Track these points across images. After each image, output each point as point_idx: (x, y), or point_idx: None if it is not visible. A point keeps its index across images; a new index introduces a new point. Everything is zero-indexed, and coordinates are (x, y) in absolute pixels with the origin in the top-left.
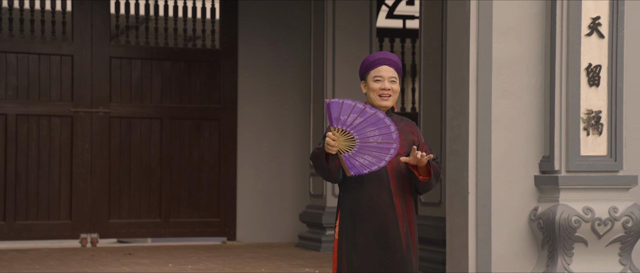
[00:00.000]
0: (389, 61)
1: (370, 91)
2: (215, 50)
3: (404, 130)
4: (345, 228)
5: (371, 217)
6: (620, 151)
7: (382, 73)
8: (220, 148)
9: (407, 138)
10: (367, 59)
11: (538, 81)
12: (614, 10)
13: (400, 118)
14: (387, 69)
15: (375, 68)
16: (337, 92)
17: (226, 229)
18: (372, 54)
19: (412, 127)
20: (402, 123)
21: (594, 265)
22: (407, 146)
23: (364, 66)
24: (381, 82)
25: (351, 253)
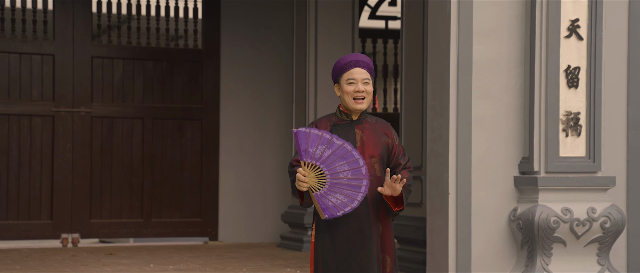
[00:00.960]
0: (361, 63)
1: (344, 94)
2: (198, 50)
3: (378, 131)
4: (321, 231)
5: (346, 219)
6: (599, 152)
7: (355, 75)
8: (203, 148)
9: (381, 140)
10: (338, 62)
11: (518, 83)
12: (593, 12)
13: (375, 119)
14: (359, 71)
15: (347, 71)
16: (319, 93)
17: (208, 229)
18: (344, 57)
19: (386, 128)
20: (377, 124)
21: (573, 265)
22: (381, 148)
23: (336, 69)
24: (355, 85)
25: (327, 254)
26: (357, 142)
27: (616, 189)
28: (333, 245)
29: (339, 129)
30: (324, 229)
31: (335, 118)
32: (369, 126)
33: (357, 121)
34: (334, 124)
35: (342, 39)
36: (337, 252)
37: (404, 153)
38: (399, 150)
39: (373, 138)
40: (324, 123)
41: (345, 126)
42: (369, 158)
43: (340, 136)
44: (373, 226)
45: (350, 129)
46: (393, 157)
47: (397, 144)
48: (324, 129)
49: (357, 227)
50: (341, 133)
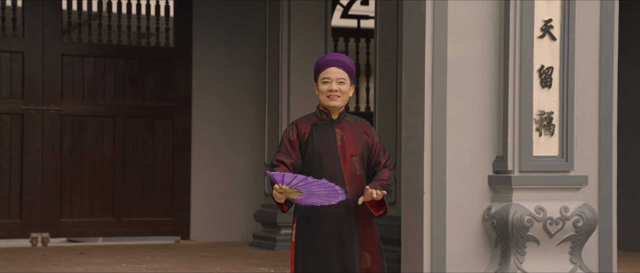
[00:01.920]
0: (337, 63)
1: (320, 93)
2: (170, 48)
3: (358, 130)
4: (301, 230)
5: (327, 219)
6: (571, 152)
7: (330, 75)
8: (174, 147)
9: (361, 139)
10: (317, 62)
11: (492, 82)
12: (566, 12)
13: (355, 118)
14: (335, 71)
15: (324, 70)
16: (293, 92)
17: (180, 228)
18: (323, 56)
19: (366, 127)
20: (357, 123)
21: (546, 264)
22: (361, 147)
23: (315, 68)
24: (329, 84)
25: (307, 254)
26: (337, 141)
27: (588, 188)
28: (314, 244)
29: (319, 128)
30: (305, 228)
31: (315, 118)
32: (348, 125)
33: (337, 121)
34: (314, 124)
35: (315, 38)
36: (317, 251)
37: (384, 151)
38: (379, 148)
39: (353, 136)
40: (304, 123)
41: (325, 125)
42: (350, 156)
43: (321, 136)
44: (353, 225)
45: (330, 129)
46: (374, 155)
47: (377, 142)
48: (305, 129)
49: (337, 226)
50: (321, 132)
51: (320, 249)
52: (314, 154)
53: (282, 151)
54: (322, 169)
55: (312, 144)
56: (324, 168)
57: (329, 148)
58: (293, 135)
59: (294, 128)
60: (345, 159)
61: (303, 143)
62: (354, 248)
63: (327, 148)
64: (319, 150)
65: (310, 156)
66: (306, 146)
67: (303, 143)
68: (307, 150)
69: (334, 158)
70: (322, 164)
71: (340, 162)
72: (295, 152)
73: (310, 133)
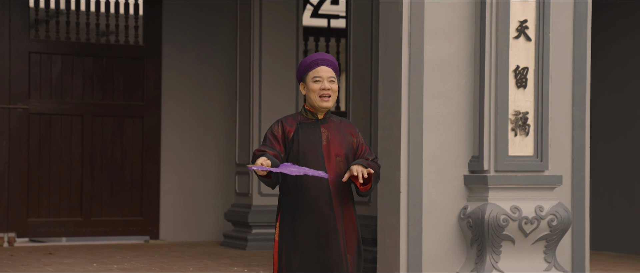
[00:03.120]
0: (326, 62)
1: (310, 92)
2: (139, 46)
3: (343, 131)
4: (285, 229)
5: (311, 218)
6: (546, 152)
7: (321, 73)
8: (144, 146)
9: (346, 139)
10: (304, 61)
11: (467, 82)
12: (541, 13)
13: (339, 118)
14: (325, 70)
15: (313, 69)
16: (264, 91)
17: (149, 228)
18: (310, 56)
19: (351, 128)
20: (342, 123)
21: (521, 263)
22: (346, 147)
23: (302, 67)
24: (321, 83)
25: (291, 253)
26: (322, 141)
27: (562, 188)
28: (297, 243)
29: (305, 128)
30: (288, 228)
31: (301, 117)
32: (334, 125)
33: (322, 120)
34: (300, 123)
35: (287, 37)
36: (301, 250)
37: (370, 150)
38: (365, 149)
39: (338, 137)
40: (290, 121)
41: (311, 125)
42: (335, 156)
43: (306, 135)
44: (338, 225)
45: (315, 128)
46: (360, 154)
47: (363, 143)
48: (290, 127)
49: (322, 226)
50: (307, 131)
51: (305, 248)
52: (299, 153)
53: (266, 144)
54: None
55: (297, 142)
56: (309, 167)
57: (314, 147)
58: (278, 131)
59: (280, 125)
60: (330, 159)
61: (288, 141)
62: (341, 249)
63: (312, 147)
64: (304, 149)
65: (295, 155)
66: (291, 144)
67: (288, 141)
68: (292, 149)
69: (318, 157)
70: (306, 163)
71: (324, 161)
72: (279, 145)
73: (295, 131)
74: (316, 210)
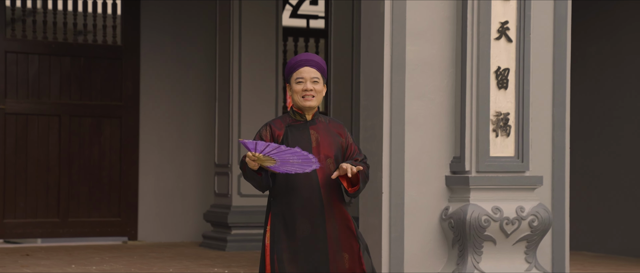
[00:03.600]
0: (310, 62)
1: (294, 93)
2: (117, 46)
3: (331, 131)
4: (275, 232)
5: (302, 221)
6: (527, 152)
7: (304, 74)
8: (122, 146)
9: (335, 140)
10: (289, 62)
11: (449, 83)
12: (521, 14)
13: (328, 119)
14: (308, 70)
15: (297, 70)
16: (244, 91)
17: (127, 228)
18: (295, 57)
19: (339, 128)
20: (330, 124)
21: (502, 264)
22: (335, 148)
23: (287, 68)
24: (303, 84)
25: (283, 256)
26: (312, 143)
27: (543, 188)
28: (289, 246)
29: (294, 130)
30: (279, 230)
31: (290, 119)
32: (322, 126)
33: (311, 122)
34: (288, 125)
35: (266, 37)
36: (293, 252)
37: (359, 150)
38: (354, 149)
39: (328, 138)
40: (278, 124)
41: (300, 126)
42: (325, 158)
43: (296, 137)
44: (328, 227)
45: (304, 130)
46: (349, 155)
47: (352, 143)
48: (279, 131)
49: (312, 230)
50: (296, 133)
51: (297, 250)
52: None
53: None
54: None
55: (286, 145)
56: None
57: (304, 150)
58: (266, 135)
59: (268, 129)
60: (320, 160)
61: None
62: (329, 250)
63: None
64: None
65: None
66: None
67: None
68: None
69: None
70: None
71: None
72: None
73: (284, 135)
74: (307, 212)
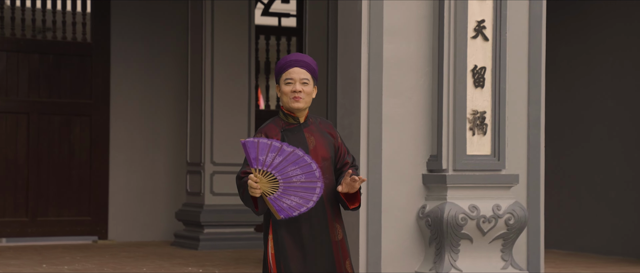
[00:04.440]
0: (300, 63)
1: (283, 94)
2: (86, 43)
3: (324, 132)
4: (278, 238)
5: (305, 226)
6: (503, 151)
7: (293, 75)
8: (92, 145)
9: (328, 141)
10: (279, 62)
11: (426, 82)
12: (498, 13)
13: (319, 118)
14: (298, 71)
15: (286, 70)
16: (216, 90)
17: (97, 228)
18: (285, 57)
19: (329, 128)
20: (321, 124)
21: (478, 262)
22: (328, 148)
23: (276, 68)
24: (292, 85)
25: (286, 263)
26: (309, 146)
27: (518, 187)
28: (292, 250)
29: (289, 134)
30: (282, 237)
31: (283, 123)
32: (315, 128)
33: (304, 124)
34: (283, 130)
35: (239, 36)
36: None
37: (348, 151)
38: (344, 150)
39: (322, 139)
40: (273, 129)
41: (295, 130)
42: (322, 161)
43: (292, 142)
44: (331, 229)
45: (299, 133)
46: (340, 157)
47: (341, 143)
48: (274, 136)
49: (316, 231)
50: (292, 137)
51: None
52: None
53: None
54: None
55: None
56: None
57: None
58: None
59: (262, 136)
60: (318, 163)
61: None
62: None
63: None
64: None
65: None
66: None
67: None
68: None
69: None
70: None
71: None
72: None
73: (281, 140)
74: (309, 218)
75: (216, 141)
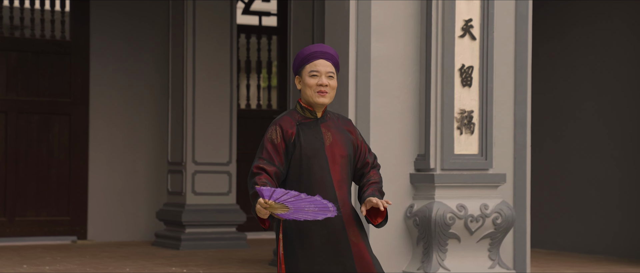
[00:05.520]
0: (326, 55)
1: (306, 87)
2: (66, 42)
3: (342, 129)
4: (290, 241)
5: (318, 228)
6: (490, 150)
7: (319, 68)
8: (71, 144)
9: (347, 138)
10: (302, 52)
11: (414, 81)
12: (485, 13)
13: (336, 115)
14: (324, 63)
15: (311, 62)
16: (198, 89)
17: (76, 228)
18: (308, 47)
19: (349, 125)
20: (339, 121)
21: (466, 261)
22: (348, 147)
23: (298, 59)
24: (318, 78)
25: (300, 266)
26: (325, 142)
27: (505, 186)
28: (305, 256)
29: (306, 129)
30: (295, 241)
31: (299, 116)
32: (333, 124)
33: (321, 119)
34: (299, 123)
35: (221, 35)
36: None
37: (369, 149)
38: (365, 148)
39: (340, 136)
40: (288, 122)
41: (311, 124)
42: (340, 158)
43: (308, 137)
44: (349, 235)
45: (316, 128)
46: (360, 156)
47: (362, 141)
48: (289, 129)
49: (330, 237)
50: (308, 133)
51: (312, 260)
52: (302, 158)
53: (263, 157)
54: (311, 173)
55: (299, 146)
56: (313, 172)
57: (317, 151)
58: (277, 138)
59: (278, 129)
60: (335, 161)
61: (289, 145)
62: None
63: (315, 150)
64: (308, 153)
65: (298, 160)
66: (293, 148)
67: (289, 145)
68: (295, 153)
69: (322, 161)
70: (310, 168)
71: (329, 165)
72: (279, 157)
73: (297, 134)
74: (324, 221)
75: (198, 141)
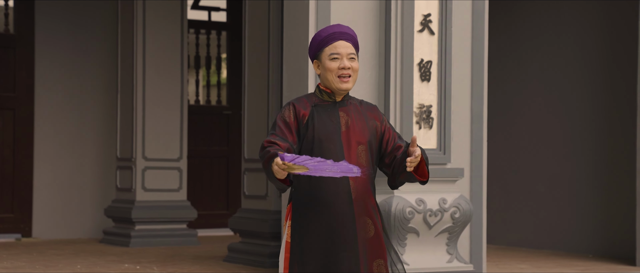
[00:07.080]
0: (345, 36)
1: (327, 72)
2: (9, 35)
3: (364, 115)
4: (297, 229)
5: (327, 217)
6: (449, 145)
7: (340, 50)
8: (15, 139)
9: (369, 124)
10: (319, 34)
11: (373, 75)
12: (443, 8)
13: (360, 100)
14: (344, 45)
15: (330, 44)
16: (148, 83)
17: (21, 225)
18: (325, 28)
19: (374, 111)
20: (362, 106)
21: (425, 255)
22: (369, 134)
23: (315, 42)
24: (339, 61)
25: (306, 255)
26: (341, 126)
27: (462, 181)
28: (311, 245)
29: (321, 110)
30: (302, 228)
31: (316, 99)
32: (354, 108)
33: (340, 103)
34: (315, 105)
35: (171, 30)
36: (317, 252)
37: (399, 135)
38: (393, 134)
39: (360, 122)
40: (304, 103)
41: (328, 107)
42: (356, 144)
43: (322, 119)
44: (359, 226)
45: (333, 111)
46: (390, 141)
47: (389, 127)
48: (304, 110)
49: (338, 226)
50: (323, 115)
51: (322, 250)
52: (314, 141)
53: (276, 133)
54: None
55: (312, 128)
56: (325, 157)
57: (331, 134)
58: (290, 116)
59: (291, 109)
60: (351, 147)
61: (301, 127)
62: (359, 252)
63: (329, 134)
64: (321, 136)
65: (310, 143)
66: (305, 130)
67: (301, 126)
68: (307, 135)
69: (337, 146)
70: (322, 153)
71: (343, 151)
72: (291, 135)
73: (310, 115)
74: (333, 207)
75: (148, 136)
